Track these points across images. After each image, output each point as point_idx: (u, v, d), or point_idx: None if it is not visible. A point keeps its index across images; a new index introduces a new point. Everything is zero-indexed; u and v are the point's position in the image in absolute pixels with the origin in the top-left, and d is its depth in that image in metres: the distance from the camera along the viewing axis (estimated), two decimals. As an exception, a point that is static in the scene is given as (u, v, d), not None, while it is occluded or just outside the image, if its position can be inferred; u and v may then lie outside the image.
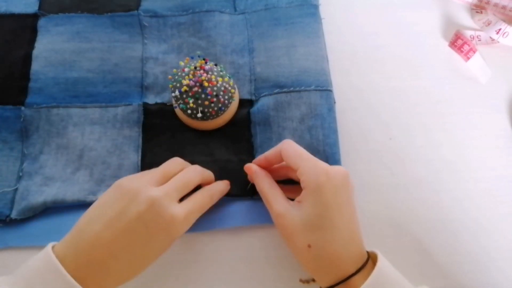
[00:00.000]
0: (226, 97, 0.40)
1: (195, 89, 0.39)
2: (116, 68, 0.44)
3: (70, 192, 0.39)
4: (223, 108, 0.40)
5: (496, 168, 0.43)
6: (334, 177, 0.33)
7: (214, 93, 0.39)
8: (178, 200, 0.33)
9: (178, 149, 0.41)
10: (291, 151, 0.35)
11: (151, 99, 0.43)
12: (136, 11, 0.46)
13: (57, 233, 0.37)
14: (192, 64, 0.39)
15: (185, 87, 0.38)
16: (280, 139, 0.41)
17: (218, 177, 0.39)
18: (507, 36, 0.47)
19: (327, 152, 0.40)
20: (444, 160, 0.43)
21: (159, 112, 0.42)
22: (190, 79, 0.39)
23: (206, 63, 0.40)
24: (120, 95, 0.43)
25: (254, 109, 0.43)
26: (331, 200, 0.32)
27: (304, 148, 0.40)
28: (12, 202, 0.39)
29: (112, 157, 0.41)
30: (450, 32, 0.49)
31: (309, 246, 0.32)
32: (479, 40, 0.48)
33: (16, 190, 0.39)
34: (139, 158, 0.41)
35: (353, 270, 0.31)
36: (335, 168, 0.34)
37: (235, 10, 0.48)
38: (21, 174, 0.40)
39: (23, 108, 0.42)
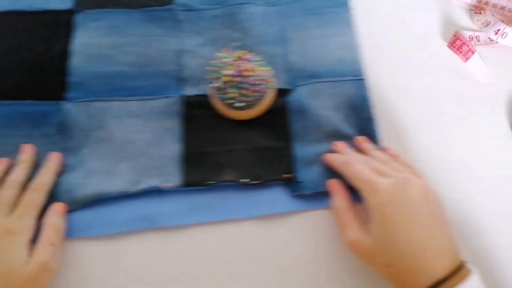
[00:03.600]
0: (266, 86, 0.40)
1: (237, 79, 0.39)
2: (153, 61, 0.45)
3: (113, 184, 0.39)
4: (263, 97, 0.40)
5: (496, 168, 0.42)
6: (384, 192, 0.33)
7: (255, 83, 0.39)
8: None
9: (217, 139, 0.42)
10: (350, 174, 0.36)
11: (189, 91, 0.44)
12: (171, 6, 0.47)
13: (100, 226, 0.38)
14: (233, 55, 0.40)
15: (226, 77, 0.39)
16: (316, 126, 0.42)
17: (256, 165, 0.40)
18: (506, 36, 0.46)
19: None
20: (443, 160, 0.42)
21: (197, 103, 0.43)
22: (231, 69, 0.39)
23: (246, 53, 0.40)
24: (159, 88, 0.44)
25: (290, 98, 0.43)
26: (390, 217, 0.33)
27: (339, 137, 0.41)
28: (56, 196, 0.39)
29: (153, 149, 0.41)
30: (449, 33, 0.49)
31: (387, 265, 0.33)
32: (478, 41, 0.48)
33: (58, 184, 0.39)
34: (180, 149, 0.41)
35: (440, 276, 0.31)
36: (382, 183, 0.34)
37: (267, 2, 0.48)
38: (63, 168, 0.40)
39: (63, 102, 0.42)
